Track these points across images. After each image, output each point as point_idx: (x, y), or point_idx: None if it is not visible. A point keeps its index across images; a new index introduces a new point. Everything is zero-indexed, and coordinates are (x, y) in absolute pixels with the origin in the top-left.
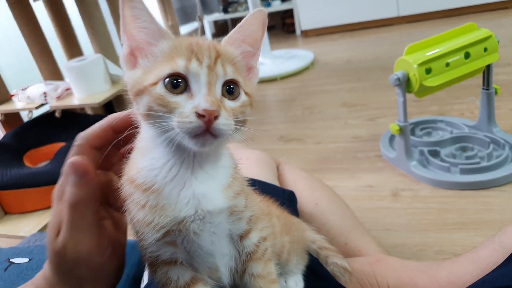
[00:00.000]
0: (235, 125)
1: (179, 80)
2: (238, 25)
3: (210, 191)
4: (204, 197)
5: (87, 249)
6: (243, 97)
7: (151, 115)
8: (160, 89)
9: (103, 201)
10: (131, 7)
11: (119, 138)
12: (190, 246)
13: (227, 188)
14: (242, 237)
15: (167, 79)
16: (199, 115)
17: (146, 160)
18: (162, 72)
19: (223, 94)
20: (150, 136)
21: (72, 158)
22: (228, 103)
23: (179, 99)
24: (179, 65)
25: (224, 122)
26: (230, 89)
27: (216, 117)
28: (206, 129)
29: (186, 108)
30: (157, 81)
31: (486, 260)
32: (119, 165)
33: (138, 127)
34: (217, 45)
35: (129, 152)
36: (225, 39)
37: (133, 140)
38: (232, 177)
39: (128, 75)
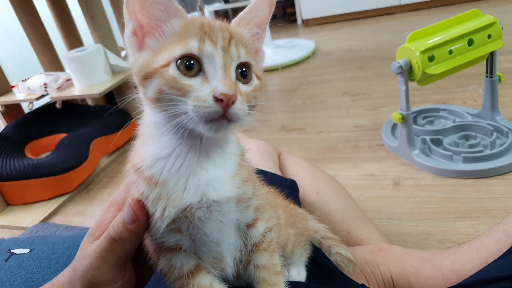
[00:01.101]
0: (248, 109)
1: (192, 62)
2: (248, 6)
3: (218, 179)
4: (210, 186)
5: (99, 277)
6: (255, 81)
7: (161, 99)
8: (172, 71)
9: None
10: None
11: None
12: (195, 233)
13: (235, 176)
14: (250, 226)
15: (179, 61)
16: (217, 99)
17: (150, 148)
18: (174, 53)
19: (236, 78)
20: (155, 122)
21: (130, 201)
22: (242, 87)
23: (193, 82)
24: (192, 46)
25: (239, 106)
26: (243, 72)
27: (233, 102)
28: (223, 114)
29: (203, 92)
30: (168, 63)
31: (491, 248)
32: None
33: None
34: (228, 26)
35: None
36: (234, 20)
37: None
38: (239, 164)
39: (133, 58)
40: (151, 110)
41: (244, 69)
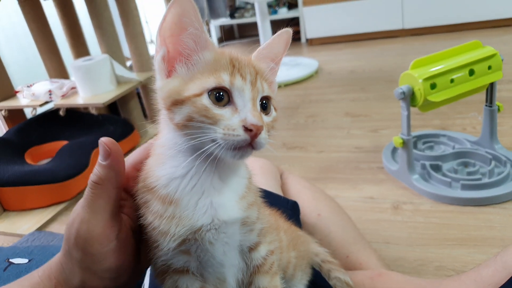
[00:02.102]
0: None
1: (222, 94)
2: (267, 42)
3: (226, 201)
4: (221, 207)
5: (89, 231)
6: (274, 113)
7: (189, 126)
8: (205, 100)
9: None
10: (182, 14)
11: None
12: (203, 255)
13: (242, 198)
14: (252, 249)
15: (210, 92)
16: (247, 129)
17: (165, 168)
18: (207, 84)
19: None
20: (172, 144)
21: (103, 138)
22: (264, 118)
23: (224, 112)
24: (224, 79)
25: (264, 136)
26: (264, 104)
27: (260, 132)
28: (250, 142)
29: (233, 121)
30: (201, 92)
31: (488, 280)
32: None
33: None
34: (252, 61)
35: None
36: (254, 54)
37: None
38: (247, 187)
39: (162, 83)
40: (173, 134)
41: (265, 101)
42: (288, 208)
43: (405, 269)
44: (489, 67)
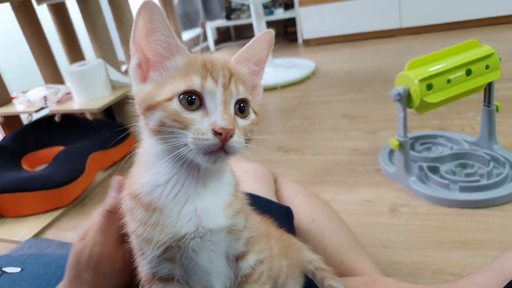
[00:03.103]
0: (244, 142)
1: (194, 97)
2: (247, 44)
3: (212, 208)
4: (206, 214)
5: (101, 252)
6: (252, 116)
7: (162, 131)
8: (175, 104)
9: None
10: (149, 20)
11: None
12: (188, 263)
13: (228, 206)
14: (238, 258)
15: (182, 95)
16: (216, 133)
17: (149, 175)
18: (177, 88)
19: (235, 113)
20: (153, 151)
21: (117, 177)
22: (240, 121)
23: (194, 116)
24: (195, 82)
25: (237, 140)
26: (241, 107)
27: (231, 135)
28: (221, 146)
29: (202, 125)
30: (172, 97)
31: (484, 287)
32: None
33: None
34: (228, 64)
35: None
36: (234, 57)
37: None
38: (233, 195)
39: (137, 89)
40: (151, 139)
41: (242, 104)
42: (282, 214)
43: (402, 272)
44: (487, 67)
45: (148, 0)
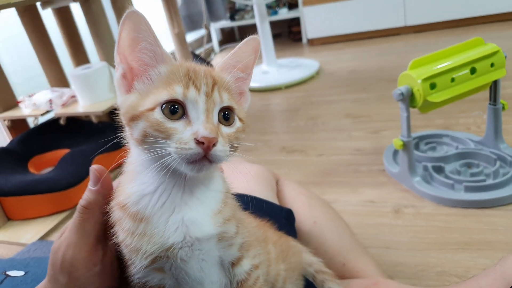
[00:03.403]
0: (230, 150)
1: (177, 107)
2: (232, 51)
3: (199, 217)
4: (193, 224)
5: (76, 254)
6: (237, 123)
7: (146, 141)
8: (157, 114)
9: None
10: (134, 29)
11: None
12: (177, 273)
13: (217, 213)
14: (234, 264)
15: (164, 105)
16: (198, 142)
17: (135, 185)
18: (159, 98)
19: (219, 121)
20: (140, 161)
21: (94, 165)
22: (224, 129)
23: (177, 125)
24: (177, 91)
25: (221, 148)
26: (226, 115)
27: (214, 144)
28: (204, 155)
29: (185, 135)
30: (154, 107)
31: None
32: None
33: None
34: (212, 71)
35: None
36: (218, 65)
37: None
38: (222, 202)
39: (121, 99)
40: (136, 149)
41: (226, 112)
42: (282, 217)
43: (406, 274)
44: (492, 65)
45: (132, 10)
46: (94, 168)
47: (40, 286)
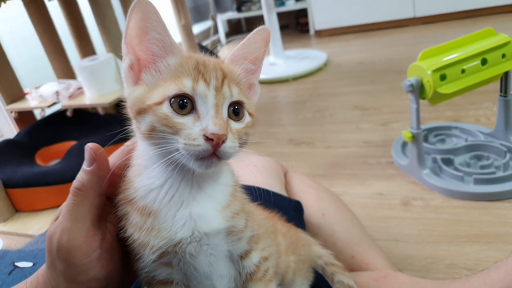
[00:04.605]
0: (239, 146)
1: (185, 101)
2: (241, 42)
3: (207, 211)
4: (201, 218)
5: (71, 240)
6: (247, 118)
7: (154, 136)
8: (165, 109)
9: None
10: (143, 18)
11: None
12: (186, 268)
13: (225, 207)
14: (242, 257)
15: (173, 99)
16: (207, 139)
17: (143, 179)
18: (168, 91)
19: (228, 116)
20: (147, 155)
21: (89, 143)
22: (234, 125)
23: (185, 120)
24: (186, 85)
25: (230, 145)
26: (235, 110)
27: (223, 141)
28: (213, 152)
29: (194, 130)
30: (162, 101)
31: (499, 283)
32: None
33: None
34: (222, 64)
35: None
36: (228, 56)
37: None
38: (231, 195)
39: (128, 91)
40: (143, 143)
41: (236, 107)
42: (291, 209)
43: (415, 267)
44: (503, 56)
45: None
46: (89, 146)
47: (41, 270)
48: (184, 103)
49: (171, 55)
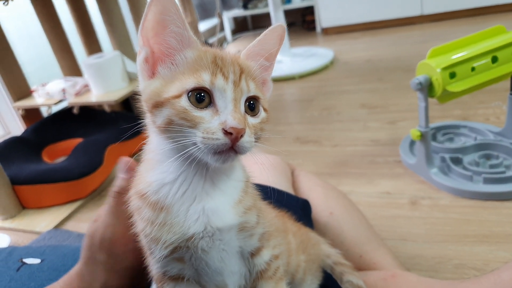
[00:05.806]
0: (254, 141)
1: (203, 95)
2: (257, 38)
3: (220, 206)
4: (214, 213)
5: (114, 233)
6: (262, 113)
7: (170, 129)
8: (184, 102)
9: None
10: (163, 11)
11: None
12: (198, 263)
13: (238, 203)
14: (253, 254)
15: (191, 93)
16: (226, 132)
17: (156, 173)
18: (186, 84)
19: (245, 111)
20: (160, 149)
21: (124, 158)
22: (250, 120)
23: (204, 114)
24: (204, 79)
25: (247, 139)
26: (251, 105)
27: (241, 135)
28: (231, 146)
29: (212, 124)
30: (180, 94)
31: (509, 283)
32: None
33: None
34: (239, 59)
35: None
36: (243, 52)
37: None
38: (243, 191)
39: (144, 84)
40: (158, 137)
41: (252, 102)
42: (299, 207)
43: (423, 267)
44: None
45: None
46: (124, 160)
47: (75, 269)
48: (202, 97)
49: (189, 48)
